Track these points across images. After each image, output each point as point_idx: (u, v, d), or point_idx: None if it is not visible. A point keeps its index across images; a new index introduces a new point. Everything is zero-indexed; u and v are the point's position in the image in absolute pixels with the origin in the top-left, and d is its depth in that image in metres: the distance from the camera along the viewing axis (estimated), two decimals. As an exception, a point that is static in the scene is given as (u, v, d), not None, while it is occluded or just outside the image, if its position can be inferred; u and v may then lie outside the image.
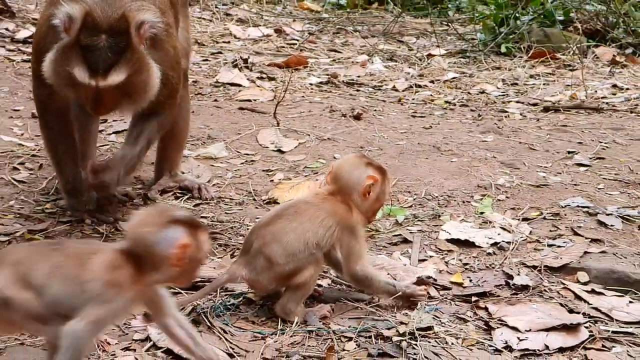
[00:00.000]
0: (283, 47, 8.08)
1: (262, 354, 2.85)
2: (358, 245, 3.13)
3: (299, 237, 3.02)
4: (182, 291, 3.19)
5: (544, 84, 7.08)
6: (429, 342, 2.96)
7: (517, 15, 8.50)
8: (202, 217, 3.91)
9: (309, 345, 2.92)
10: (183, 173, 4.31)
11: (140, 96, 3.33)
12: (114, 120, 5.23)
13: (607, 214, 4.08)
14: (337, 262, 3.25)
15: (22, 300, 2.30)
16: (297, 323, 3.03)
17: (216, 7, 9.53)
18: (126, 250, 2.42)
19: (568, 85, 7.03)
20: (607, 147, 5.29)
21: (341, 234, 3.10)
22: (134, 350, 2.84)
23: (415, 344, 2.94)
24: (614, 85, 7.09)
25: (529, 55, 7.94)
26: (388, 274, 3.38)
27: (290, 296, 3.06)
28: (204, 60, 7.21)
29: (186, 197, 4.13)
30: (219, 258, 3.52)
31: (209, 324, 3.00)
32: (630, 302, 3.34)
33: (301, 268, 3.03)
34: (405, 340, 2.95)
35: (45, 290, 2.32)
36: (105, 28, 3.17)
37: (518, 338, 3.03)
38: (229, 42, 8.10)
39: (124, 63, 3.19)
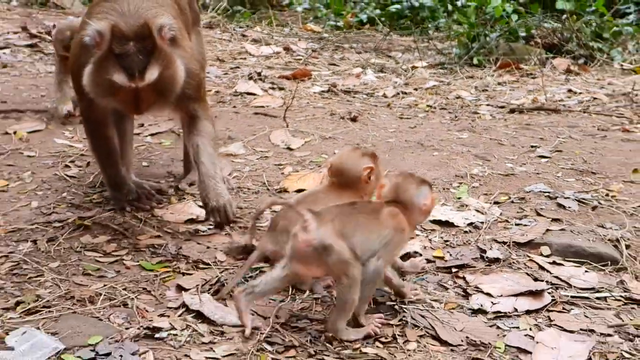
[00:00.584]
0: (290, 62, 8.06)
1: (277, 317, 2.84)
2: None
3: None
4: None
5: (510, 90, 7.06)
6: (417, 306, 2.95)
7: (486, 32, 8.48)
8: (224, 204, 3.90)
9: (315, 310, 2.91)
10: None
11: (170, 89, 3.29)
12: (149, 125, 5.21)
13: (565, 198, 4.07)
14: None
15: (339, 246, 2.63)
16: (308, 292, 3.03)
17: (234, 30, 9.50)
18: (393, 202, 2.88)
19: (530, 91, 7.00)
20: (564, 141, 5.27)
21: None
22: (168, 316, 2.83)
23: (405, 308, 2.93)
24: (569, 90, 7.06)
25: (497, 66, 7.91)
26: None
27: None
28: (224, 74, 7.18)
29: (211, 187, 4.11)
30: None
31: (231, 292, 2.98)
32: (586, 271, 3.33)
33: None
34: (397, 304, 2.94)
35: (351, 239, 2.67)
36: (132, 36, 3.14)
37: (491, 302, 3.02)
38: (245, 58, 8.08)
39: (154, 63, 3.16)
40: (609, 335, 2.86)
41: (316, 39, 9.39)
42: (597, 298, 3.13)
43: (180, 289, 3.03)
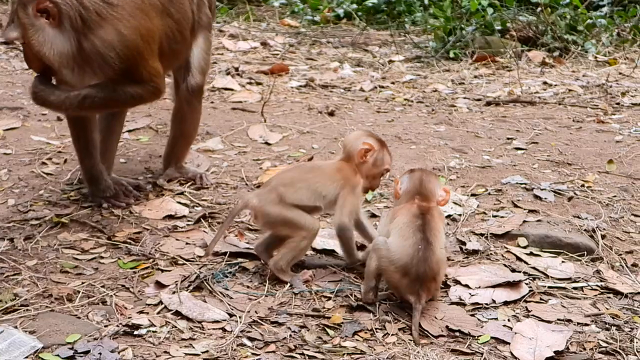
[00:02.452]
0: (268, 57, 8.02)
1: (256, 312, 2.83)
2: (354, 201, 3.14)
3: (310, 187, 3.09)
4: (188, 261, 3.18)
5: (486, 83, 7.07)
6: (396, 298, 2.95)
7: (462, 26, 8.48)
8: (202, 199, 3.87)
9: (295, 305, 2.91)
10: (186, 164, 4.25)
11: (42, 59, 3.32)
12: (127, 121, 5.16)
13: (541, 189, 4.08)
14: None
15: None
16: (288, 286, 3.03)
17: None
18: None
19: (506, 83, 7.02)
20: (540, 133, 5.29)
21: (343, 188, 3.12)
22: (147, 313, 2.81)
23: (385, 302, 2.93)
24: (544, 82, 7.08)
25: (473, 59, 7.91)
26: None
27: (284, 255, 3.06)
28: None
29: (189, 184, 4.08)
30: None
31: (210, 288, 2.97)
32: (563, 262, 3.35)
33: (298, 224, 3.06)
34: (377, 300, 2.94)
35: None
36: None
37: (470, 294, 3.03)
38: (222, 54, 8.03)
39: (14, 27, 3.26)
40: (586, 324, 2.87)
41: (293, 34, 9.36)
42: (574, 288, 3.14)
43: (159, 285, 3.01)
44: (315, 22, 10.28)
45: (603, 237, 3.57)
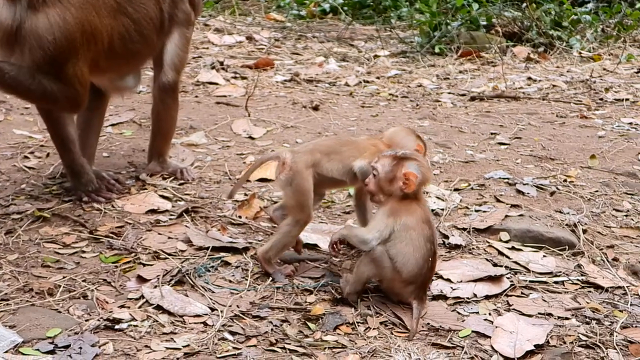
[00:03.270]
0: (253, 51, 8.00)
1: (237, 306, 2.83)
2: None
3: (342, 160, 3.06)
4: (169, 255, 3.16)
5: (470, 78, 7.08)
6: (378, 293, 2.95)
7: (448, 21, 8.50)
8: (185, 194, 3.86)
9: (277, 299, 2.91)
10: (170, 157, 4.24)
11: None
12: (110, 115, 5.14)
13: (524, 184, 4.10)
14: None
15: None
16: (270, 281, 3.02)
17: (196, 19, 9.40)
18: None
19: (491, 79, 7.03)
20: (523, 128, 5.31)
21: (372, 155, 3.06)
22: (129, 307, 2.80)
23: (366, 296, 2.93)
24: (529, 78, 7.11)
25: (458, 54, 7.93)
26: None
27: (274, 244, 3.05)
28: (186, 63, 7.10)
29: (172, 178, 4.07)
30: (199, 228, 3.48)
31: (192, 283, 2.97)
32: (544, 256, 3.36)
33: (305, 203, 3.01)
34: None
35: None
36: None
37: (451, 288, 3.04)
38: (207, 48, 8.01)
39: None
40: (567, 318, 2.89)
41: (279, 28, 9.34)
42: (555, 282, 3.16)
43: (140, 279, 3.00)
44: (301, 16, 10.27)
45: (584, 231, 3.59)
